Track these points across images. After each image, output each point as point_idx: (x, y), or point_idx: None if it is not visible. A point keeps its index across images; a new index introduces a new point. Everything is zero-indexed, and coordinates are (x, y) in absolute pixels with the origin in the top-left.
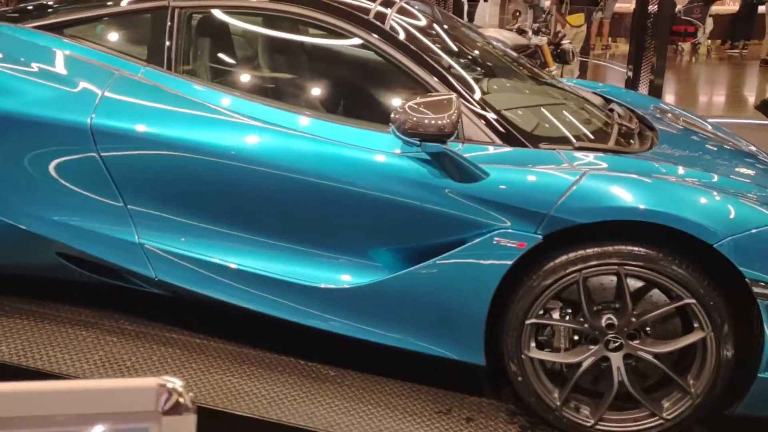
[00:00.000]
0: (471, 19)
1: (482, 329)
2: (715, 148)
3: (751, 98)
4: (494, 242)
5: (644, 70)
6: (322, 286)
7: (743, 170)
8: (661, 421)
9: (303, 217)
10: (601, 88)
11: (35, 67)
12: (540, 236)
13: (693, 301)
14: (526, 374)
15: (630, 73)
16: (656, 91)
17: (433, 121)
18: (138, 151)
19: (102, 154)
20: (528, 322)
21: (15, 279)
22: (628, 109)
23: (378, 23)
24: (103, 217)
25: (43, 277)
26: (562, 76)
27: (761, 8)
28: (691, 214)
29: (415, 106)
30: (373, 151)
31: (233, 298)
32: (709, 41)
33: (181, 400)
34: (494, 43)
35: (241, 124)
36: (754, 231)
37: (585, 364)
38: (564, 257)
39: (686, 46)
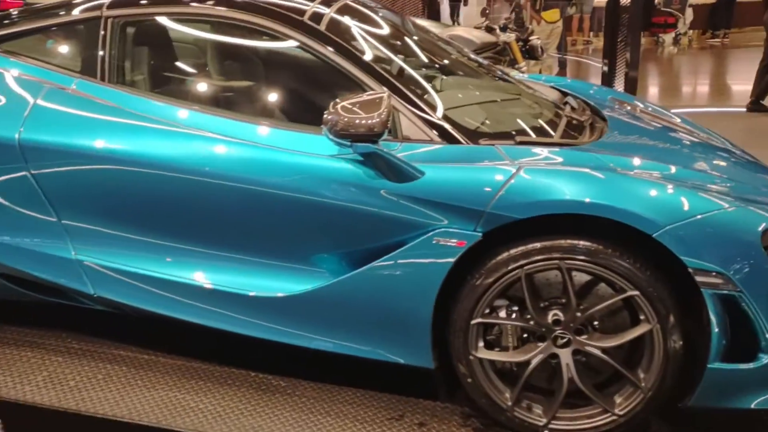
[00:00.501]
0: (456, 18)
1: (429, 331)
2: (671, 138)
3: (734, 86)
4: (434, 242)
5: (619, 63)
6: (264, 294)
7: (699, 159)
8: (614, 417)
9: (241, 226)
10: (565, 82)
11: None
12: (480, 234)
13: (636, 293)
14: (475, 375)
15: (605, 68)
16: (631, 84)
17: (362, 121)
18: (70, 166)
19: (32, 170)
20: (473, 322)
21: None
22: (584, 102)
23: (313, 25)
24: (37, 234)
25: None
26: (540, 72)
27: None
28: (626, 204)
29: (348, 106)
30: (309, 154)
31: (174, 311)
32: (691, 31)
33: None
34: (451, 42)
35: (173, 133)
36: (695, 218)
37: (534, 362)
38: (505, 254)
39: (667, 37)
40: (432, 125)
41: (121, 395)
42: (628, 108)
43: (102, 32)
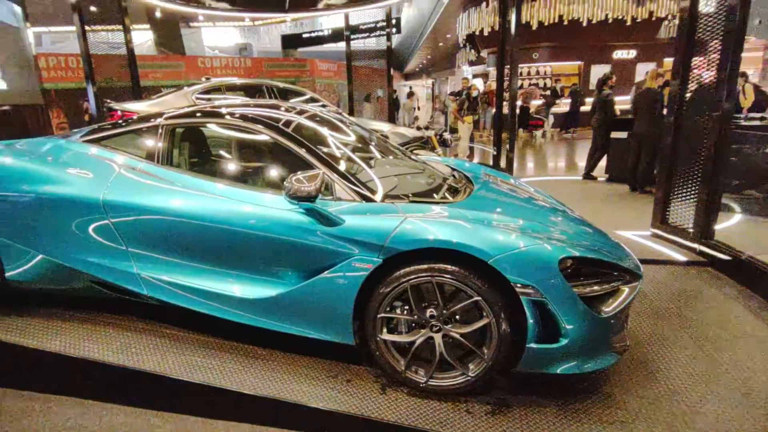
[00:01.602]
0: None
1: (350, 321)
2: (513, 199)
3: (579, 163)
4: (353, 265)
5: (503, 150)
6: (249, 296)
7: (532, 213)
8: (467, 377)
9: (234, 253)
10: (456, 162)
11: (75, 164)
12: (381, 260)
13: (479, 298)
14: (380, 350)
15: (494, 152)
16: (510, 162)
17: (304, 188)
18: (133, 216)
19: (111, 218)
20: (379, 316)
21: (67, 298)
22: (464, 175)
23: (283, 128)
24: (114, 257)
25: (82, 296)
26: (458, 156)
27: (582, 107)
28: (469, 241)
29: (299, 178)
30: (274, 208)
31: (194, 305)
32: (552, 129)
33: None
34: (377, 135)
35: (195, 195)
36: (514, 251)
37: (417, 342)
38: (397, 272)
39: (538, 133)
40: (353, 190)
41: (162, 357)
42: (492, 180)
43: (160, 131)
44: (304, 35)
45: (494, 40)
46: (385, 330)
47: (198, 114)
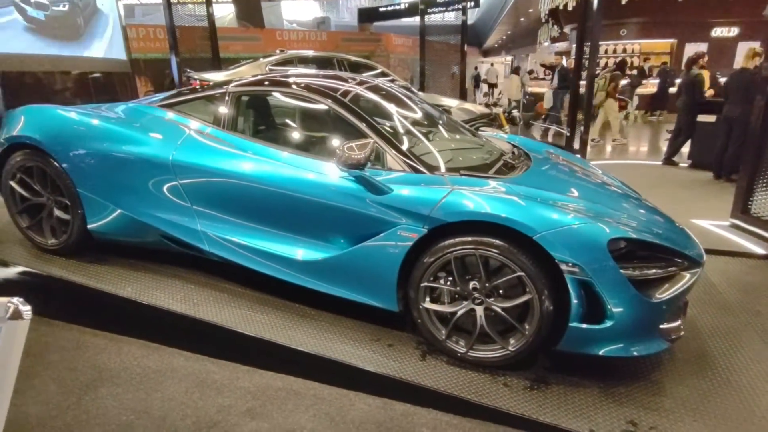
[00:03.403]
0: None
1: (395, 288)
2: (573, 178)
3: (662, 147)
4: (398, 234)
5: (577, 132)
6: (302, 258)
7: (585, 191)
8: (507, 352)
9: (289, 216)
10: (520, 140)
11: (150, 127)
12: (426, 230)
13: (522, 273)
14: (423, 318)
15: (567, 133)
16: (584, 145)
17: (354, 156)
18: (197, 177)
19: (178, 178)
20: (422, 284)
21: (139, 249)
22: (524, 152)
23: (341, 97)
24: (180, 214)
25: (152, 249)
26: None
27: (671, 89)
28: (515, 216)
29: (351, 146)
30: (328, 175)
31: (250, 263)
32: (637, 111)
33: (20, 310)
34: (441, 110)
35: (255, 159)
36: (561, 228)
37: (459, 313)
38: (442, 243)
39: (621, 114)
40: (404, 161)
41: (220, 309)
42: (554, 159)
43: (227, 98)
44: (381, 9)
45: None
46: (428, 299)
47: (264, 83)
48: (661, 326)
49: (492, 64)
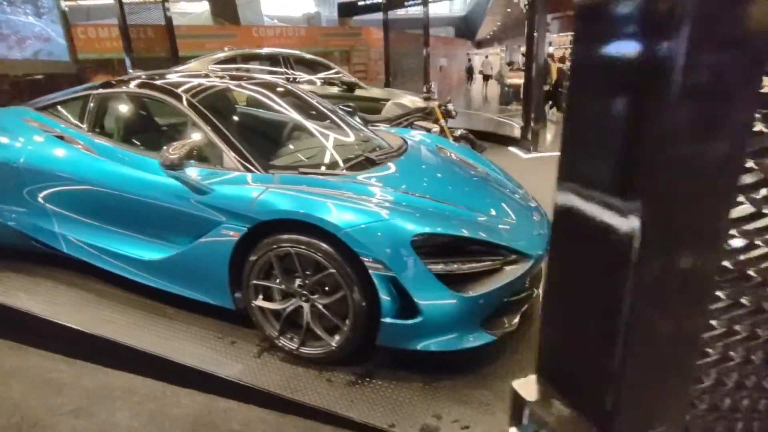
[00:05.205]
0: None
1: (227, 286)
2: (437, 174)
3: None
4: (222, 232)
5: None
6: (144, 257)
7: (440, 186)
8: (332, 348)
9: (131, 216)
10: (423, 136)
11: (8, 129)
12: (245, 229)
13: (333, 270)
14: (256, 316)
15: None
16: (535, 136)
17: (170, 156)
18: (47, 180)
19: (31, 181)
20: (252, 282)
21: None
22: (403, 149)
23: (190, 97)
24: (38, 216)
25: (25, 250)
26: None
27: None
28: (319, 214)
29: (175, 146)
30: (156, 174)
31: (103, 264)
32: None
33: None
34: (342, 107)
35: (99, 161)
36: (362, 226)
37: (288, 310)
38: (264, 242)
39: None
40: (238, 161)
41: (81, 309)
42: (440, 154)
43: (90, 100)
44: (360, 2)
45: (558, 3)
46: (261, 297)
47: (121, 85)
48: (489, 320)
49: (487, 56)
